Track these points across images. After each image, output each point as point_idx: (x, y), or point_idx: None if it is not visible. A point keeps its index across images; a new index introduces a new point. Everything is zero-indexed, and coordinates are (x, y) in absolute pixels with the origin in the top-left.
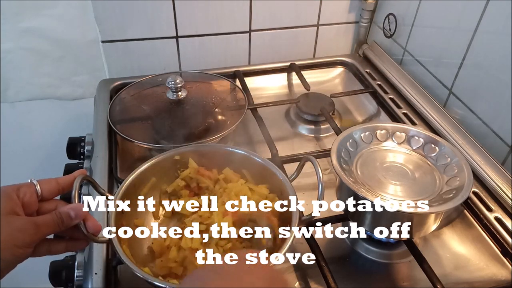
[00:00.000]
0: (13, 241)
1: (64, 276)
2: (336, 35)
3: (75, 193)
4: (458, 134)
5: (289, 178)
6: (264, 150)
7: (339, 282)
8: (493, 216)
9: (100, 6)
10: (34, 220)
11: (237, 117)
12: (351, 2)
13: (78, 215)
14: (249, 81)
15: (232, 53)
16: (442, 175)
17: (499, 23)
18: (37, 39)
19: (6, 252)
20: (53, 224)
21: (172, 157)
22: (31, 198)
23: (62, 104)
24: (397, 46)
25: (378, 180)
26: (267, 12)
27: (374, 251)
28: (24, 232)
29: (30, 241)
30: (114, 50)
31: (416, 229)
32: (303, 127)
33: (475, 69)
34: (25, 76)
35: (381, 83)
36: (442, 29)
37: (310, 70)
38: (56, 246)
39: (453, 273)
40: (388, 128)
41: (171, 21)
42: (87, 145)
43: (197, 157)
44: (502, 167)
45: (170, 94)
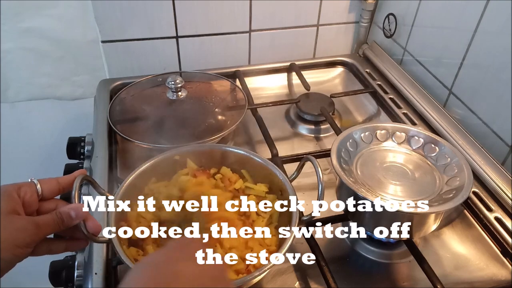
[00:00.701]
0: (13, 240)
1: (64, 276)
2: (336, 35)
3: (75, 193)
4: (458, 134)
5: (289, 178)
6: (264, 150)
7: (339, 282)
8: (493, 216)
9: (100, 6)
10: (35, 220)
11: (237, 117)
12: (351, 2)
13: (78, 215)
14: (249, 81)
15: (232, 53)
16: (442, 175)
17: (499, 23)
18: (37, 39)
19: (7, 252)
20: (53, 224)
21: (172, 157)
22: (31, 198)
23: (62, 104)
24: (397, 46)
25: (378, 180)
26: (267, 12)
27: (374, 251)
28: (25, 232)
29: (30, 241)
30: (114, 50)
31: (416, 229)
32: (303, 127)
33: (475, 69)
34: (25, 76)
35: (381, 83)
36: (442, 29)
37: (310, 70)
38: (56, 245)
39: (453, 273)
40: (388, 128)
41: (171, 21)
42: (87, 145)
43: (197, 157)
44: (502, 167)
45: (170, 94)
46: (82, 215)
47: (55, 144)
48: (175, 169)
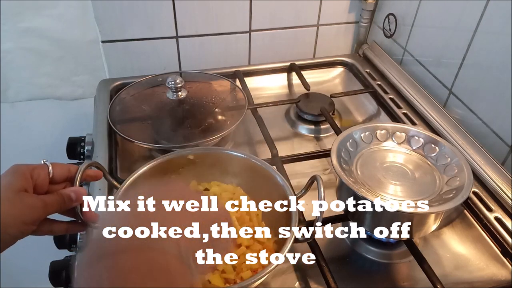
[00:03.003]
0: (22, 217)
1: (64, 276)
2: (336, 35)
3: (78, 175)
4: (458, 134)
5: (296, 194)
6: (264, 150)
7: (339, 282)
8: (493, 216)
9: (100, 6)
10: (42, 198)
11: (237, 117)
12: (351, 2)
13: (78, 198)
14: (249, 81)
15: (232, 53)
16: (442, 175)
17: (499, 23)
18: (37, 39)
19: (14, 228)
20: (57, 204)
21: (172, 160)
22: (44, 180)
23: (62, 104)
24: (397, 46)
25: (378, 180)
26: (267, 12)
27: (374, 251)
28: (33, 209)
29: (37, 218)
30: (114, 50)
31: (416, 229)
32: (303, 127)
33: (475, 69)
34: (25, 76)
35: (381, 83)
36: (442, 29)
37: (310, 70)
38: (57, 226)
39: (453, 273)
40: (388, 128)
41: (171, 21)
42: (87, 145)
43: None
44: (502, 167)
45: (170, 94)
46: (81, 198)
47: (55, 144)
48: (176, 171)
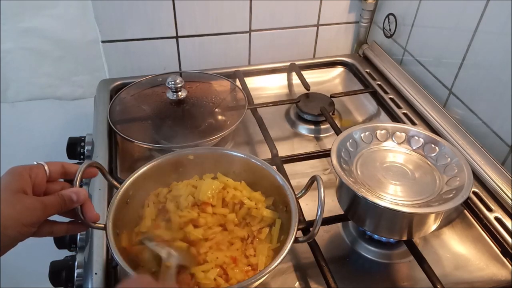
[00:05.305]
0: (20, 218)
1: (64, 276)
2: (336, 35)
3: (78, 175)
4: (458, 134)
5: (296, 195)
6: (264, 150)
7: (339, 282)
8: (493, 216)
9: (100, 6)
10: (42, 199)
11: (237, 117)
12: (351, 2)
13: (79, 199)
14: (249, 81)
15: (232, 53)
16: (442, 175)
17: (499, 23)
18: (37, 39)
19: (13, 229)
20: (57, 205)
21: (172, 160)
22: (42, 180)
23: (62, 104)
24: (397, 46)
25: (378, 180)
26: (267, 12)
27: (374, 251)
28: (32, 210)
29: (36, 220)
30: (114, 50)
31: (416, 229)
32: (303, 127)
33: (475, 69)
34: (25, 76)
35: (381, 83)
36: (442, 29)
37: (310, 70)
38: (58, 227)
39: (453, 273)
40: (388, 128)
41: (171, 21)
42: (87, 145)
43: (200, 159)
44: (502, 167)
45: (170, 94)
46: (83, 199)
47: (55, 144)
48: (175, 171)
